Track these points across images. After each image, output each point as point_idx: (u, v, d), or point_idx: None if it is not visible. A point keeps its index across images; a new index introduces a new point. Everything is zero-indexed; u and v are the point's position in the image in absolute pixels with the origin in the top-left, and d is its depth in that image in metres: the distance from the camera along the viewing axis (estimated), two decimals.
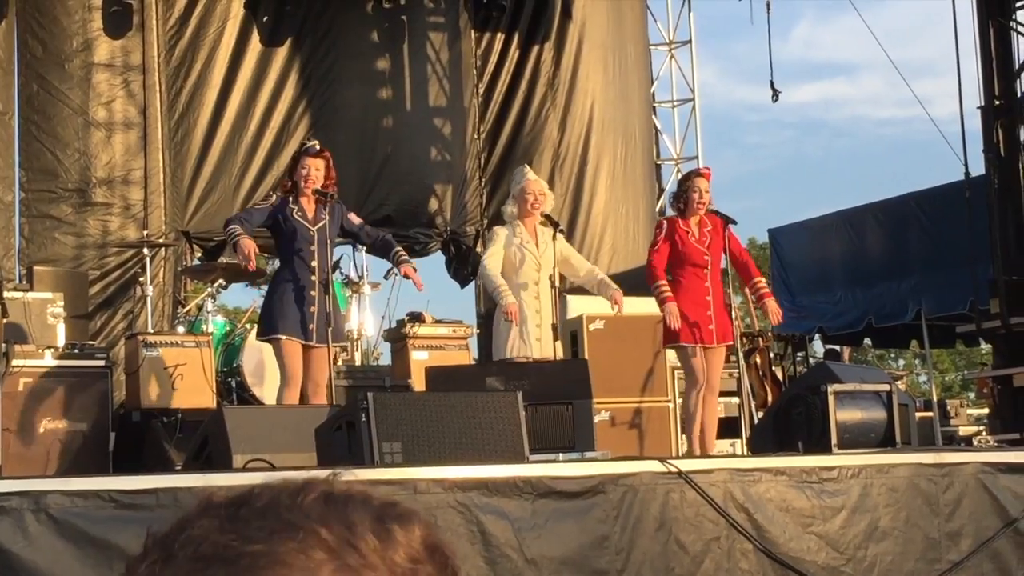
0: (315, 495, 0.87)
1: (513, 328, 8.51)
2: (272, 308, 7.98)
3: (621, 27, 14.16)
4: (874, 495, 6.82)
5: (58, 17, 11.75)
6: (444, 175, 13.19)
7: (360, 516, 0.86)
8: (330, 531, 0.84)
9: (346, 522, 0.85)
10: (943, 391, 32.10)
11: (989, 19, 12.62)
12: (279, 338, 7.85)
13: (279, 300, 7.94)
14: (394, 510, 0.88)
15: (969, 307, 13.12)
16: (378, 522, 0.86)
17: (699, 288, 8.58)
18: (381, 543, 0.85)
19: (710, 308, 8.54)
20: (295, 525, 0.85)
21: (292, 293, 7.90)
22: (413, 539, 0.86)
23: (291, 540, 0.84)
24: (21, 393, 8.53)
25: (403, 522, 0.87)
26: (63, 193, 11.56)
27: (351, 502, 0.87)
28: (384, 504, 0.88)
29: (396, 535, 0.86)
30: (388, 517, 0.87)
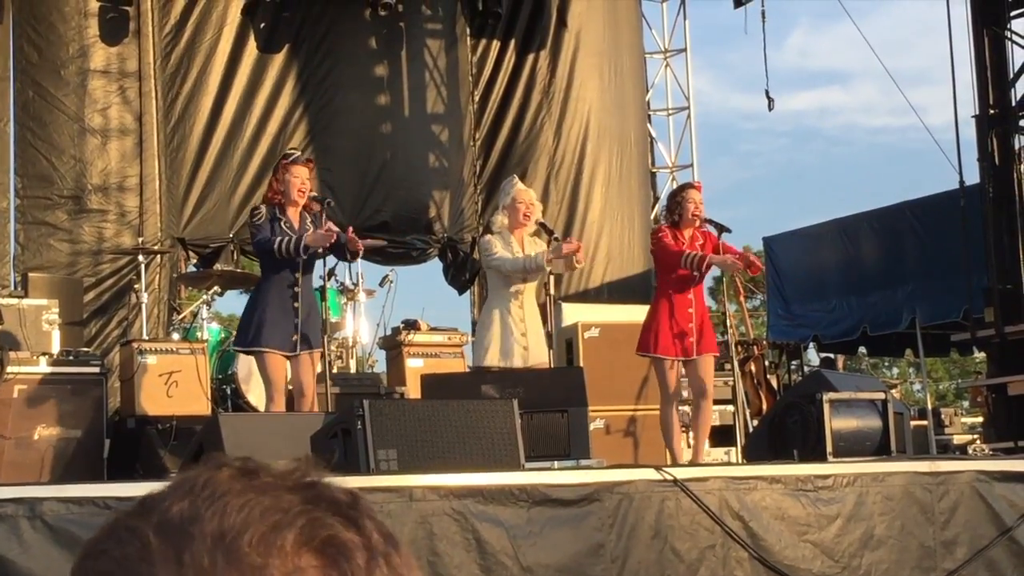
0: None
1: (494, 342, 8.45)
2: (253, 319, 7.88)
3: (616, 35, 14.18)
4: (869, 503, 6.83)
5: (54, 24, 11.75)
6: (441, 181, 13.20)
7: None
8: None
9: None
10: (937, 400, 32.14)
11: (984, 28, 12.63)
12: (262, 351, 7.80)
13: (262, 312, 7.84)
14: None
15: (963, 316, 13.12)
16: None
17: (684, 301, 8.58)
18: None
19: (692, 320, 8.54)
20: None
21: (277, 305, 7.83)
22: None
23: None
24: (16, 400, 8.52)
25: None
26: (58, 200, 11.55)
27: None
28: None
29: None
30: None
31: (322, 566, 0.82)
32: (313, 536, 0.83)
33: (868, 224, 15.25)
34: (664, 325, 8.50)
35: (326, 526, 0.84)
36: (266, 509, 0.83)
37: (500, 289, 8.63)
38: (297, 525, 0.83)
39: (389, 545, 0.87)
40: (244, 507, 0.82)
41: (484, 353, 8.49)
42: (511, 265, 8.49)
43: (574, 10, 13.80)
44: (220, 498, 0.83)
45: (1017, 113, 12.53)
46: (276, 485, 0.86)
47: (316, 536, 0.83)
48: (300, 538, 0.82)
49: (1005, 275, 12.25)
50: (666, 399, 8.58)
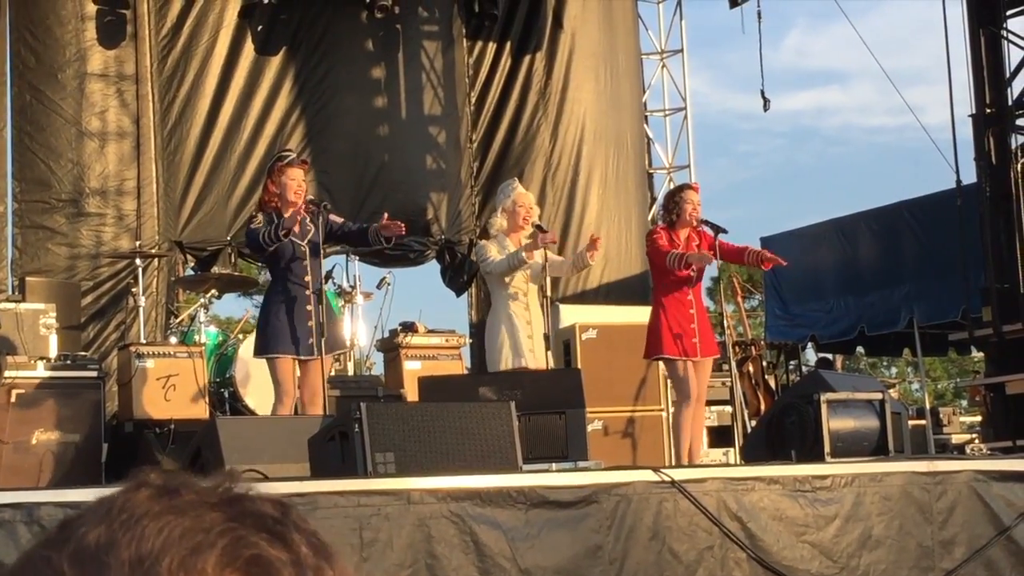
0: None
1: (507, 341, 8.50)
2: (269, 326, 7.91)
3: (613, 36, 14.18)
4: (867, 504, 6.83)
5: (51, 28, 11.75)
6: (438, 183, 13.20)
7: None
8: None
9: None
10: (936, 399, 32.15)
11: (980, 27, 12.64)
12: (274, 356, 7.82)
13: (276, 318, 7.87)
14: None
15: (961, 315, 13.13)
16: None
17: (683, 301, 8.60)
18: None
19: (693, 321, 8.56)
20: None
21: (290, 310, 7.85)
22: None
23: None
24: (13, 404, 8.52)
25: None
26: (56, 204, 11.55)
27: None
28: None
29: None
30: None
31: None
32: (236, 556, 0.79)
33: (865, 224, 15.26)
34: (668, 327, 8.52)
35: (250, 544, 0.80)
36: (186, 531, 0.79)
37: (503, 292, 8.66)
38: (219, 546, 0.79)
39: (320, 558, 0.84)
40: (162, 530, 0.79)
41: (498, 355, 8.51)
42: (496, 267, 8.53)
43: (570, 11, 13.80)
44: (137, 522, 0.79)
45: (1014, 112, 12.54)
46: (198, 503, 0.82)
47: (239, 556, 0.79)
48: (222, 559, 0.79)
49: (1002, 274, 12.26)
50: (683, 399, 8.60)
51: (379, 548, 5.57)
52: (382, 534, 5.59)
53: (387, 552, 5.58)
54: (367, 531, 5.56)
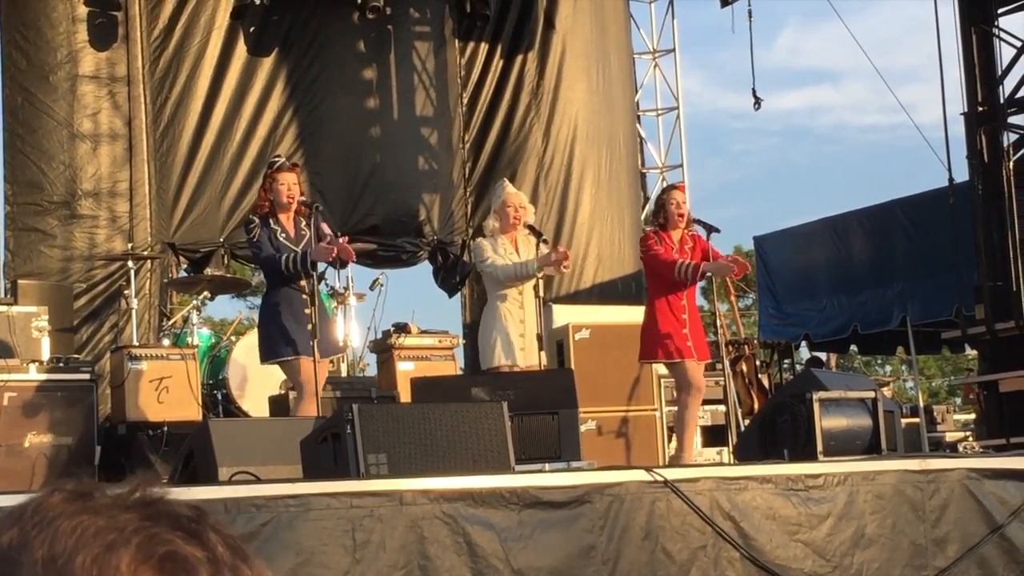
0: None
1: (499, 339, 8.51)
2: (274, 332, 7.90)
3: (605, 36, 14.18)
4: (860, 502, 6.83)
5: (42, 29, 11.74)
6: (431, 184, 13.19)
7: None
8: None
9: None
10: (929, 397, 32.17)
11: (972, 26, 12.66)
12: (290, 359, 7.80)
13: (279, 323, 7.87)
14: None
15: (955, 313, 13.14)
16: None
17: (678, 306, 8.60)
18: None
19: (686, 325, 8.57)
20: None
21: (290, 315, 7.85)
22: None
23: None
24: (6, 407, 8.50)
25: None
26: (48, 206, 11.54)
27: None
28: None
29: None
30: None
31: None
32: (151, 553, 0.79)
33: (858, 222, 15.27)
34: (663, 330, 8.53)
35: (165, 542, 0.80)
36: (99, 529, 0.79)
37: (498, 290, 8.67)
38: (133, 543, 0.79)
39: (237, 558, 0.83)
40: (75, 529, 0.79)
41: (491, 354, 8.52)
42: (503, 272, 8.54)
43: (562, 12, 13.80)
44: (50, 523, 0.79)
45: (1006, 110, 12.55)
46: (112, 505, 0.82)
47: (154, 553, 0.79)
48: (137, 556, 0.78)
49: (995, 272, 12.26)
50: (690, 391, 8.61)
51: (372, 549, 5.56)
52: (375, 535, 5.58)
53: (380, 553, 5.58)
54: (360, 532, 5.55)
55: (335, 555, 5.51)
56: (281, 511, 5.46)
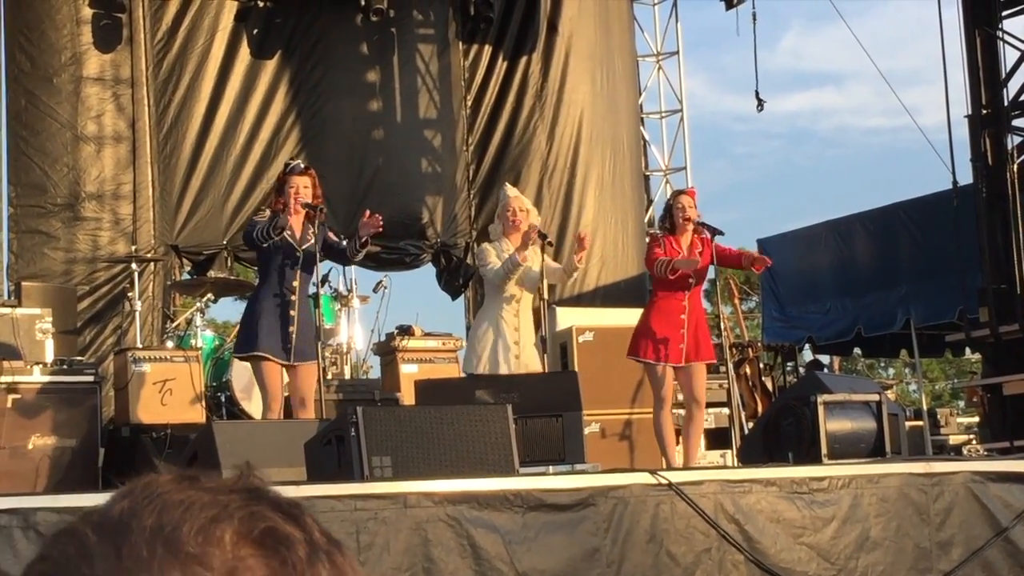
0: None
1: (487, 347, 8.47)
2: (251, 325, 7.90)
3: (608, 39, 14.18)
4: (864, 505, 6.82)
5: (46, 32, 11.75)
6: (434, 187, 13.19)
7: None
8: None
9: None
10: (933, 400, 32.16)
11: (976, 28, 12.65)
12: (258, 356, 7.79)
13: (259, 317, 7.85)
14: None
15: (958, 316, 13.13)
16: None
17: (676, 306, 8.56)
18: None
19: (683, 327, 8.51)
20: None
21: (273, 311, 7.83)
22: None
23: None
24: (9, 409, 8.51)
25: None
26: (52, 208, 11.54)
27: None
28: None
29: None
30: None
31: (262, 556, 0.82)
32: (252, 528, 0.82)
33: (862, 225, 15.26)
34: (653, 329, 8.50)
35: (265, 519, 0.83)
36: (205, 504, 0.83)
37: (495, 296, 8.65)
38: (236, 517, 0.82)
39: (332, 545, 0.86)
40: (183, 503, 0.83)
41: (476, 362, 8.50)
42: (493, 274, 8.52)
43: (566, 14, 13.80)
44: (159, 496, 0.83)
45: (1009, 113, 12.54)
46: (216, 487, 0.85)
47: (255, 528, 0.82)
48: (240, 530, 0.82)
49: (999, 275, 12.26)
50: (658, 403, 8.59)
51: (376, 552, 5.56)
52: (379, 538, 5.58)
53: (384, 556, 5.57)
54: (364, 535, 5.55)
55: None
56: None
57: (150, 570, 0.79)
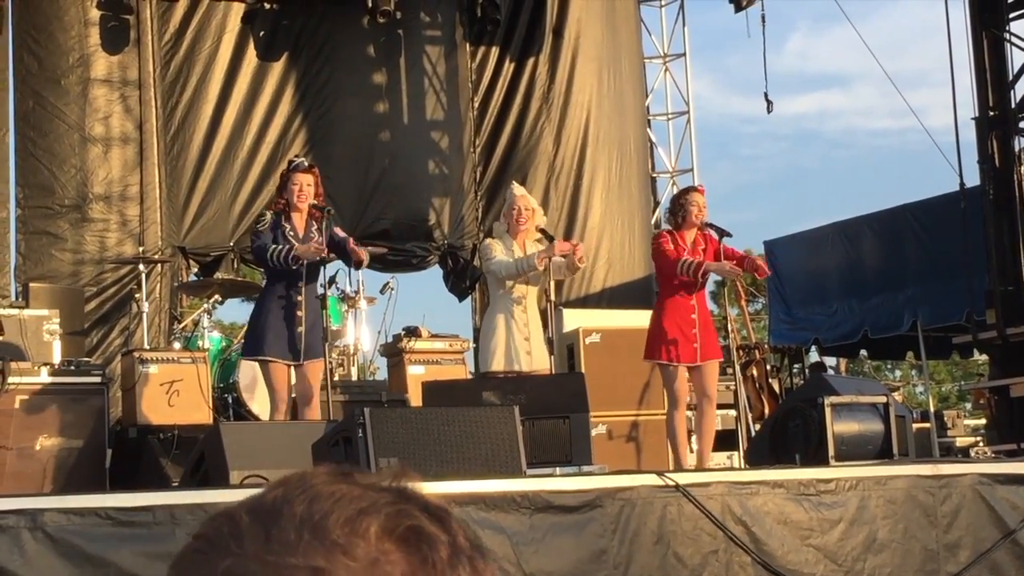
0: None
1: (500, 344, 8.49)
2: (259, 327, 7.91)
3: (615, 40, 14.18)
4: (872, 507, 6.82)
5: (54, 33, 11.77)
6: (441, 188, 13.20)
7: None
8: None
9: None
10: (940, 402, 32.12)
11: (983, 30, 12.63)
12: (266, 360, 7.80)
13: (266, 319, 7.87)
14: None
15: (965, 318, 13.10)
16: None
17: (685, 305, 8.57)
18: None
19: (695, 326, 8.53)
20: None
21: (280, 312, 7.84)
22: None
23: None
24: (17, 410, 8.51)
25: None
26: (60, 209, 11.56)
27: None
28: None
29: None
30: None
31: (405, 552, 0.84)
32: (397, 524, 0.85)
33: (869, 227, 15.23)
34: (668, 331, 8.51)
35: (412, 517, 0.86)
36: (354, 498, 0.86)
37: (501, 294, 8.65)
38: (383, 513, 0.86)
39: (476, 551, 0.89)
40: (333, 495, 0.86)
41: (490, 358, 8.50)
42: (505, 269, 8.52)
43: (572, 16, 13.80)
44: (311, 487, 0.87)
45: (1017, 115, 12.52)
46: (368, 484, 0.89)
47: (400, 524, 0.85)
48: (385, 525, 0.85)
49: (1006, 277, 12.24)
50: (673, 404, 8.58)
51: None
52: None
53: None
54: None
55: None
56: None
57: (295, 554, 0.82)
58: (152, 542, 5.26)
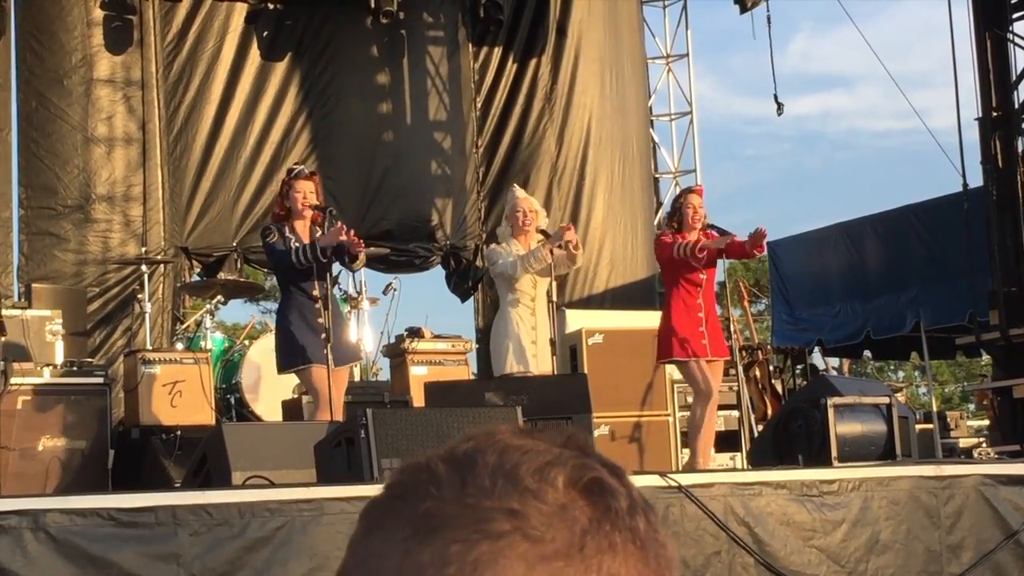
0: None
1: (511, 346, 8.51)
2: (290, 339, 7.87)
3: (618, 41, 14.18)
4: (875, 508, 6.81)
5: (57, 33, 11.77)
6: (444, 189, 13.20)
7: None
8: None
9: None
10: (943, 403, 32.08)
11: (986, 30, 12.63)
12: (309, 367, 7.76)
13: (294, 331, 7.84)
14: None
15: (968, 319, 13.10)
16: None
17: (692, 304, 8.59)
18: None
19: (702, 324, 8.55)
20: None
21: (304, 322, 7.82)
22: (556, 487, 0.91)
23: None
24: (20, 411, 8.52)
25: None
26: (62, 210, 11.56)
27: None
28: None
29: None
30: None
31: (589, 501, 0.90)
32: (582, 475, 0.91)
33: (872, 228, 15.23)
34: (676, 328, 8.51)
35: (594, 470, 0.92)
36: (541, 451, 0.92)
37: (510, 296, 8.67)
38: (568, 465, 0.91)
39: (647, 504, 0.95)
40: (522, 447, 0.92)
41: (504, 360, 8.52)
42: (514, 268, 8.53)
43: (575, 17, 13.80)
44: (500, 441, 0.93)
45: (1020, 116, 12.52)
46: (551, 440, 0.95)
47: (584, 475, 0.91)
48: (571, 476, 0.91)
49: (1009, 278, 12.24)
50: (702, 399, 8.59)
51: None
52: None
53: None
54: None
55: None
56: (295, 516, 5.46)
57: (491, 497, 0.89)
58: (154, 543, 5.25)
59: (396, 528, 0.90)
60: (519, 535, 0.87)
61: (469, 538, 0.87)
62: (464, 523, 0.88)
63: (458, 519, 0.88)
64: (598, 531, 0.89)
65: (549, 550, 0.87)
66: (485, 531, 0.87)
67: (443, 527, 0.88)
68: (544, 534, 0.87)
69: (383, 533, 0.91)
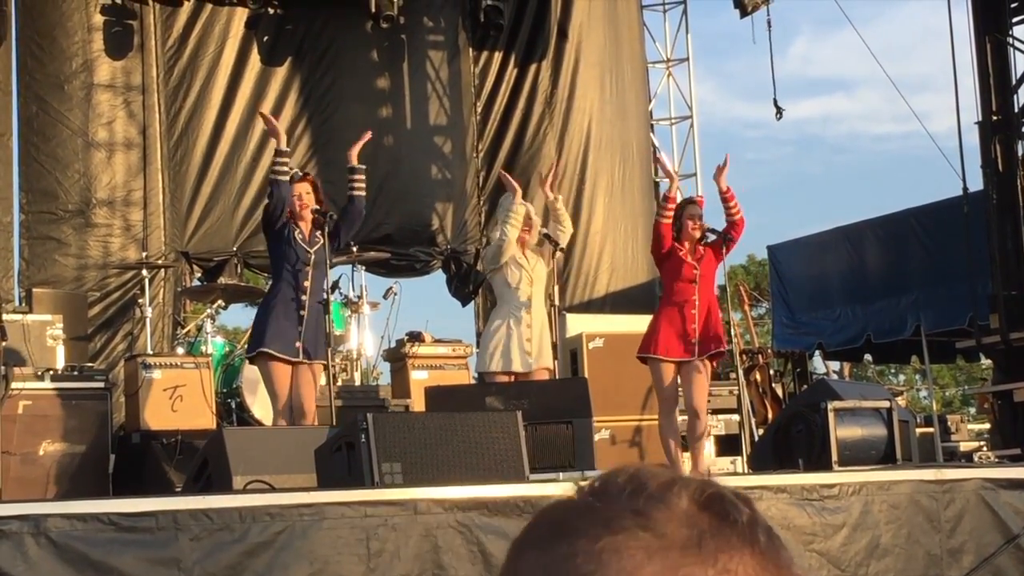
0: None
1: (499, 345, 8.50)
2: (260, 325, 7.92)
3: (618, 46, 14.18)
4: (875, 512, 6.82)
5: (57, 39, 11.78)
6: (444, 193, 13.20)
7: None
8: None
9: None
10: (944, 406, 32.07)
11: (986, 34, 12.63)
12: (265, 353, 7.74)
13: (267, 317, 7.87)
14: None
15: (969, 322, 13.10)
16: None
17: (687, 300, 8.49)
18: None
19: (695, 321, 8.40)
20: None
21: (281, 311, 7.82)
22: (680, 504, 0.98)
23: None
24: (21, 416, 8.52)
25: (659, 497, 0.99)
26: (63, 214, 11.57)
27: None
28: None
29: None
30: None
31: (711, 513, 0.96)
32: (704, 490, 0.98)
33: (872, 232, 15.24)
34: (662, 326, 8.40)
35: (717, 488, 0.99)
36: (668, 474, 1.00)
37: (507, 296, 8.68)
38: (693, 485, 0.98)
39: (773, 529, 1.00)
40: (651, 472, 1.00)
41: (488, 359, 8.55)
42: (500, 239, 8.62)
43: (575, 21, 13.81)
44: (631, 467, 1.01)
45: (1020, 119, 12.53)
46: (673, 468, 1.04)
47: (707, 491, 0.98)
48: (695, 492, 0.97)
49: (1009, 281, 12.24)
50: (662, 407, 8.46)
51: (386, 558, 5.56)
52: (389, 544, 5.58)
53: (394, 563, 5.58)
54: (374, 541, 5.55)
55: (349, 564, 5.51)
56: (295, 520, 5.46)
57: (618, 503, 0.97)
58: (155, 548, 5.26)
59: (538, 539, 0.99)
60: (640, 528, 0.95)
61: (596, 534, 0.95)
62: (592, 523, 0.96)
63: (586, 519, 0.97)
64: (718, 534, 0.96)
65: (668, 543, 0.94)
66: (611, 528, 0.95)
67: (574, 529, 0.97)
68: (665, 530, 0.95)
69: (532, 547, 1.00)
